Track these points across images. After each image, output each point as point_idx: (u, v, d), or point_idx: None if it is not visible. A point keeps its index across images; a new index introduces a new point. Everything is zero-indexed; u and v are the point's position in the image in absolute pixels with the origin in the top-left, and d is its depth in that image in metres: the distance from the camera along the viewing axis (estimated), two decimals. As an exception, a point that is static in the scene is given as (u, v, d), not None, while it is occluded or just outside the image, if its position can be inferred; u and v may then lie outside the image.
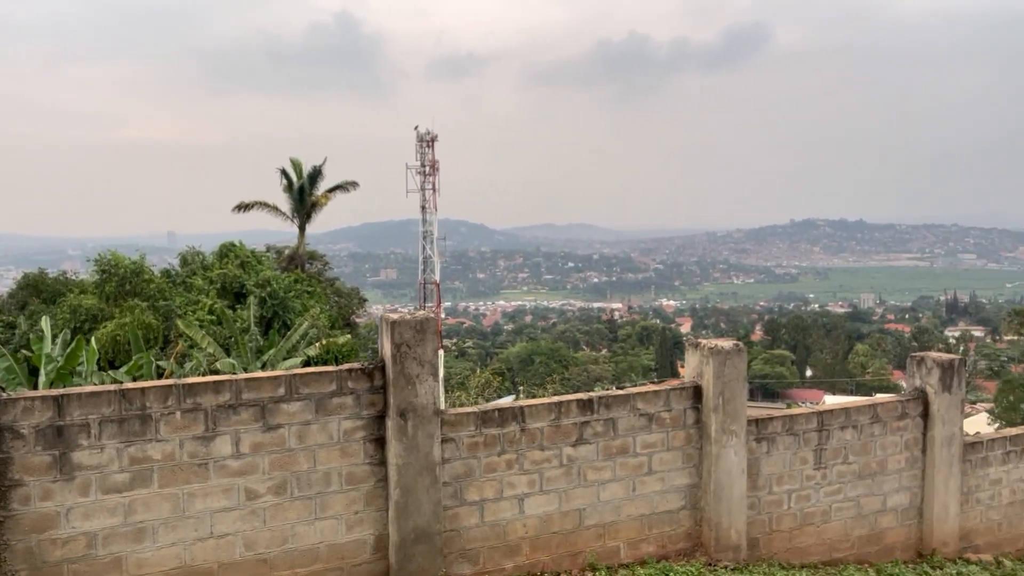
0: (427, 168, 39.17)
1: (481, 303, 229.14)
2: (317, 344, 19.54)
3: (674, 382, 6.41)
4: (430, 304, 40.91)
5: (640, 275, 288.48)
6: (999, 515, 7.61)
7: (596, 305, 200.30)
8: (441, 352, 38.80)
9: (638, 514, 6.00)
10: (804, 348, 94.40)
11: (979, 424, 40.97)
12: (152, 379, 9.81)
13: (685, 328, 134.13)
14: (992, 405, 56.05)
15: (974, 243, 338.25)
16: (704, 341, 6.35)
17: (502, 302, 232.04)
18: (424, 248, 40.98)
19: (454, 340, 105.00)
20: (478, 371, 29.79)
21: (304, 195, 34.20)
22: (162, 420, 4.77)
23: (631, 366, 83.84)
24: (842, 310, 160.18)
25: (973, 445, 7.44)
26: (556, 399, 5.90)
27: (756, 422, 6.42)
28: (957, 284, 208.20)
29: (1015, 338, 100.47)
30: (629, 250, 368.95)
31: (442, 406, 5.82)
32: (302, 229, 34.80)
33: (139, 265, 24.05)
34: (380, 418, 5.28)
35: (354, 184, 36.02)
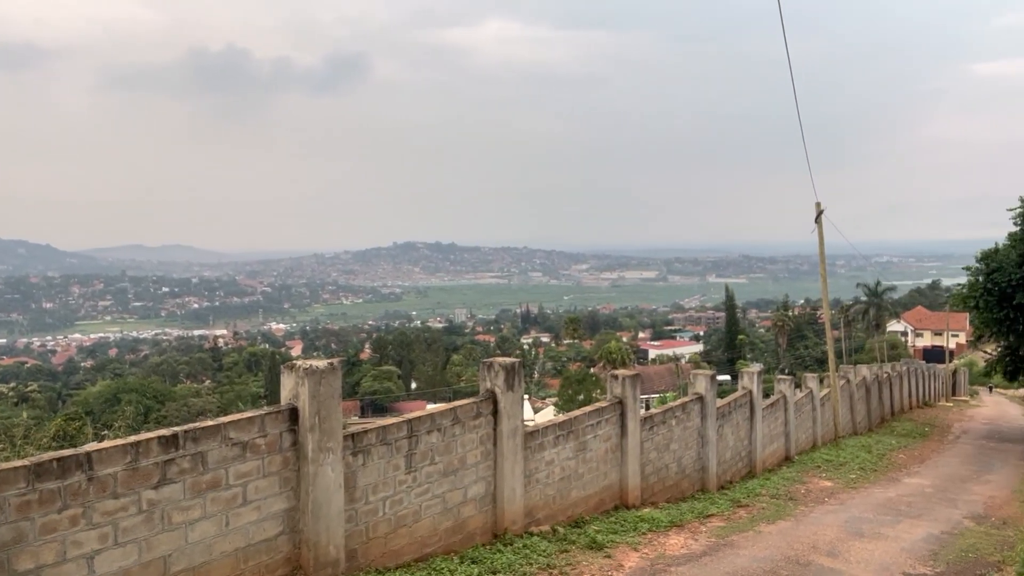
0: (-36, 175, 31.87)
1: (49, 338, 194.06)
2: None
3: (270, 407, 6.31)
4: (-27, 342, 33.19)
5: (247, 299, 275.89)
6: (553, 490, 9.13)
7: (197, 333, 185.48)
8: (-9, 400, 31.78)
9: (233, 549, 5.74)
10: (409, 362, 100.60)
11: (549, 415, 48.57)
12: None
13: (296, 351, 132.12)
14: (557, 398, 67.07)
15: (540, 263, 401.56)
16: (299, 362, 6.39)
17: (78, 335, 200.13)
18: (-38, 274, 33.15)
19: (12, 384, 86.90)
20: (25, 415, 25.00)
21: None
22: None
23: (239, 395, 79.26)
24: (440, 325, 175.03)
25: (532, 434, 8.82)
26: (133, 439, 5.33)
27: (352, 436, 6.67)
28: (529, 298, 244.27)
29: (571, 341, 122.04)
30: (234, 273, 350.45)
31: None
32: None
33: None
34: None
35: None
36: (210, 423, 5.75)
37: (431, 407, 8.41)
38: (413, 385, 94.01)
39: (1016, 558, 8.55)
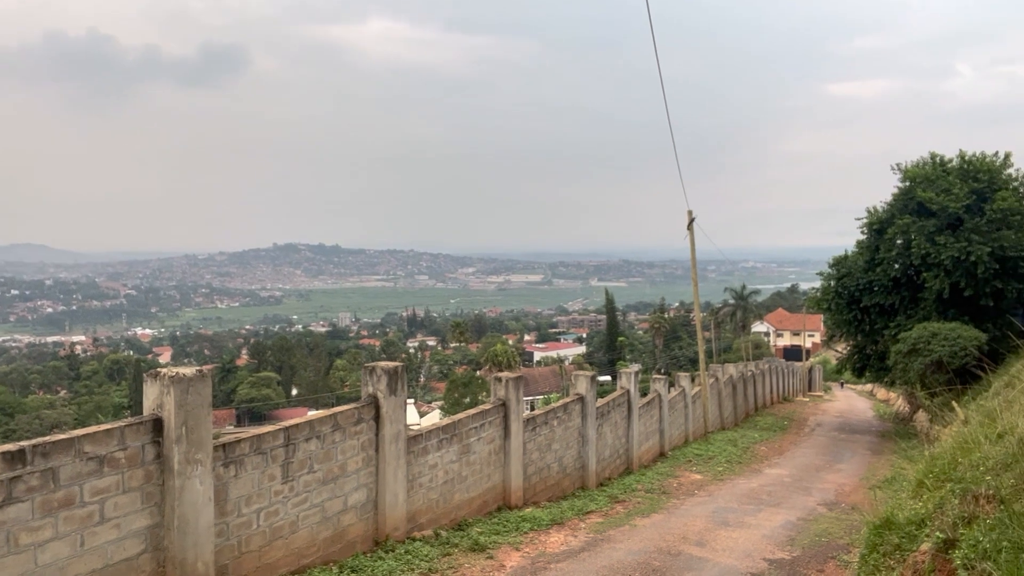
0: None
1: None
2: None
3: (131, 418, 5.93)
4: None
5: (109, 302, 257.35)
6: (437, 494, 9.11)
7: (52, 339, 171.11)
8: None
9: (88, 570, 5.34)
10: (290, 368, 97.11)
11: (435, 419, 48.36)
12: None
13: (165, 358, 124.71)
14: (443, 402, 66.92)
15: (426, 266, 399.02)
16: (164, 370, 6.04)
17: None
18: None
19: None
20: None
21: None
22: None
23: (99, 406, 73.83)
24: (323, 329, 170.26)
25: (416, 438, 8.75)
26: (-29, 457, 4.86)
27: (224, 447, 6.38)
28: (415, 301, 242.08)
29: (458, 345, 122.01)
30: (94, 275, 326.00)
31: None
32: None
33: None
34: None
35: None
36: (62, 436, 5.34)
37: (312, 414, 8.17)
38: (294, 391, 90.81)
39: (862, 540, 9.36)
